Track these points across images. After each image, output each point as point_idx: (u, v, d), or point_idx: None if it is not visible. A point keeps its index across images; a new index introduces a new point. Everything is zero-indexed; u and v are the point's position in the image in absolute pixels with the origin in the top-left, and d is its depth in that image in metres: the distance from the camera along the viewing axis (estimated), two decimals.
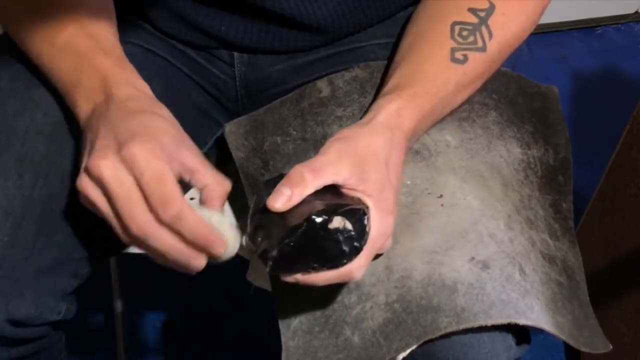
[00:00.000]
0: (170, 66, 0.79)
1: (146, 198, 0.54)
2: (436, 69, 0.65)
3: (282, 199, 0.55)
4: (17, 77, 0.69)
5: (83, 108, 0.61)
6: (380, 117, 0.62)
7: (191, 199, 0.60)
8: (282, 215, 0.56)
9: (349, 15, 0.75)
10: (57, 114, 0.67)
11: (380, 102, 0.64)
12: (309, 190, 0.56)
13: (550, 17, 1.74)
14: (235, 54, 0.78)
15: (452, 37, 0.66)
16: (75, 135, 0.67)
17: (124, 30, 0.76)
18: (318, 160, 0.58)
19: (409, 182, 0.67)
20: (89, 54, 0.63)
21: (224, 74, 0.80)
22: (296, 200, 0.56)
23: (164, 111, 0.62)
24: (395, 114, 0.62)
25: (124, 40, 0.75)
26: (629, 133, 1.07)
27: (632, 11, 1.92)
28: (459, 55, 0.66)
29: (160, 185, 0.54)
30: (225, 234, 0.59)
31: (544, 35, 1.87)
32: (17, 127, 0.66)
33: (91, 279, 0.72)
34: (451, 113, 0.70)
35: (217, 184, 0.59)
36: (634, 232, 1.05)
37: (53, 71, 0.64)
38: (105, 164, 0.54)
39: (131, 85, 0.62)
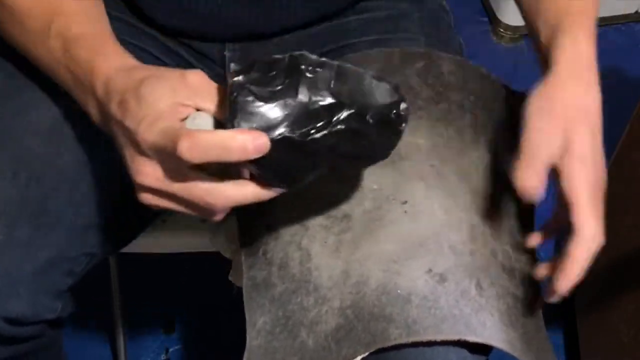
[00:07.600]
0: (163, 65, 0.78)
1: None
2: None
3: None
4: (13, 76, 0.69)
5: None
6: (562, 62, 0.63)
7: None
8: None
9: None
10: (54, 114, 0.67)
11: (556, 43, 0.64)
12: None
13: None
14: (227, 48, 0.78)
15: None
16: (72, 135, 0.67)
17: (119, 29, 0.76)
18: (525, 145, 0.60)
19: (375, 187, 0.66)
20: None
21: (212, 73, 0.79)
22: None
23: (132, 61, 0.59)
24: (573, 50, 0.63)
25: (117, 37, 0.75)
26: (629, 133, 1.07)
27: (632, 11, 1.91)
28: None
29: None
30: None
31: None
32: (13, 127, 0.66)
33: (91, 279, 0.72)
34: (429, 111, 0.69)
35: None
36: (634, 233, 1.05)
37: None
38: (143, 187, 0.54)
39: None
